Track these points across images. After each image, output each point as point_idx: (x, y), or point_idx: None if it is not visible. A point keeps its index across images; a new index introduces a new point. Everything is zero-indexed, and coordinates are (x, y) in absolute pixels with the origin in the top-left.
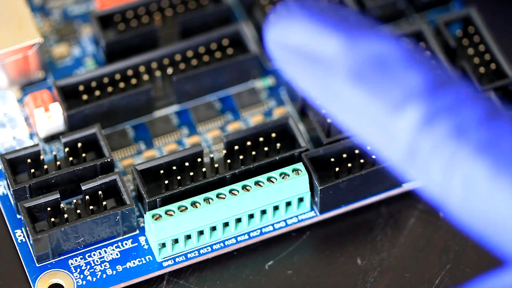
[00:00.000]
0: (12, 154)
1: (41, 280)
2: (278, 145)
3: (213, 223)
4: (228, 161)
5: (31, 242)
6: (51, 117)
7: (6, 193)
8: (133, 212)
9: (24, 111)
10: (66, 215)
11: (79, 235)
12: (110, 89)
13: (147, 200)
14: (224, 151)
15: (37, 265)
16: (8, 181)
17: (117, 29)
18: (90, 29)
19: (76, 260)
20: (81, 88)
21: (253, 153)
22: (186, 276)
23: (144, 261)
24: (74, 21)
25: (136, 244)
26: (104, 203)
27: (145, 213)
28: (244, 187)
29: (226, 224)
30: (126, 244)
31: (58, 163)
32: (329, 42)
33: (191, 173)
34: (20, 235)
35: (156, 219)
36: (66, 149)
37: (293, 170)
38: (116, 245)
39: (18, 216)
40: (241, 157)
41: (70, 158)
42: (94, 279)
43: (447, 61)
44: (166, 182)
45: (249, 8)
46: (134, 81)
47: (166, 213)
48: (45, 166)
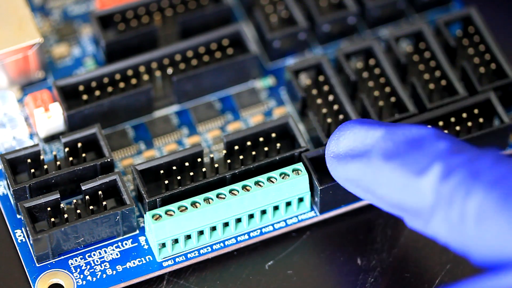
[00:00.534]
0: (12, 154)
1: (41, 280)
2: (278, 145)
3: (213, 223)
4: (228, 161)
5: (31, 242)
6: (51, 117)
7: (6, 193)
8: (133, 212)
9: (24, 111)
10: (66, 215)
11: (79, 235)
12: (110, 89)
13: (147, 200)
14: (224, 151)
15: (37, 265)
16: (8, 181)
17: (117, 29)
18: (90, 29)
19: (76, 260)
20: (81, 88)
21: (253, 153)
22: (186, 276)
23: (144, 261)
24: (74, 21)
25: (136, 244)
26: (104, 203)
27: (145, 213)
28: (244, 187)
29: (226, 224)
30: (126, 244)
31: (58, 163)
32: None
33: (191, 173)
34: (20, 235)
35: (156, 219)
36: (66, 149)
37: (293, 170)
38: (116, 245)
39: (18, 216)
40: (241, 157)
41: (70, 158)
42: (94, 279)
43: (447, 61)
44: (166, 182)
45: (249, 8)
46: (134, 81)
47: (166, 213)
48: (45, 166)
